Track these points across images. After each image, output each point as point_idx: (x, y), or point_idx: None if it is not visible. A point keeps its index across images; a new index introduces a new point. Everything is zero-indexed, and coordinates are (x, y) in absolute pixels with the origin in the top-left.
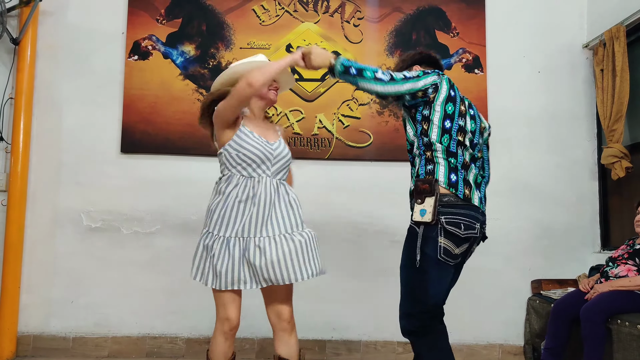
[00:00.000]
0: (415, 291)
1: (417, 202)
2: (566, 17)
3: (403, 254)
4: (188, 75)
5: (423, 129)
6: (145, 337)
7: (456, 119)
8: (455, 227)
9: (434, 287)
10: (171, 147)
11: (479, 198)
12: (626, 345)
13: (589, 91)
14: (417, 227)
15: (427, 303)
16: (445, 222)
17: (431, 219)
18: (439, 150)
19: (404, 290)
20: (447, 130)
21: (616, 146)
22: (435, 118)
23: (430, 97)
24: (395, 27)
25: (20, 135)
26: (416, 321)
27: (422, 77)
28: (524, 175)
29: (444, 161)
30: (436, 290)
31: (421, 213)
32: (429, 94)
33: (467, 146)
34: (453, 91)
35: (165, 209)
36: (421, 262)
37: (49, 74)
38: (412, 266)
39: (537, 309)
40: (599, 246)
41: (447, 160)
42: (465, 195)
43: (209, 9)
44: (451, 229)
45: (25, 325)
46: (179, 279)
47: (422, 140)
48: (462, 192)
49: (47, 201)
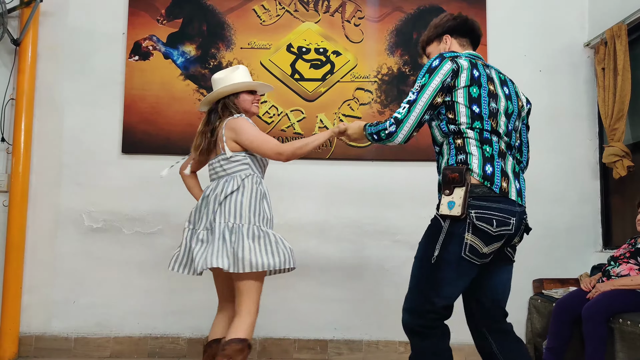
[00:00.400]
0: (427, 288)
1: (445, 194)
2: (567, 16)
3: (421, 244)
4: (189, 75)
5: (448, 118)
6: (147, 337)
7: (485, 102)
8: (487, 223)
9: (449, 288)
10: (172, 148)
11: (517, 190)
12: (628, 344)
13: (590, 90)
14: (442, 221)
15: (436, 304)
16: (476, 217)
17: (460, 212)
18: (472, 137)
19: (414, 283)
20: (478, 116)
21: (618, 145)
22: (460, 103)
23: (451, 84)
24: (396, 26)
25: (22, 136)
26: (421, 320)
27: (432, 76)
28: (526, 175)
29: (478, 150)
30: (451, 292)
31: (449, 205)
32: (449, 84)
33: (502, 132)
34: (477, 71)
35: (166, 209)
36: (439, 259)
37: (49, 74)
38: (427, 261)
39: (539, 309)
40: (600, 245)
41: (482, 149)
42: (503, 188)
43: (210, 9)
44: (481, 225)
45: (27, 326)
46: (181, 279)
47: (449, 128)
48: (498, 185)
49: (48, 202)
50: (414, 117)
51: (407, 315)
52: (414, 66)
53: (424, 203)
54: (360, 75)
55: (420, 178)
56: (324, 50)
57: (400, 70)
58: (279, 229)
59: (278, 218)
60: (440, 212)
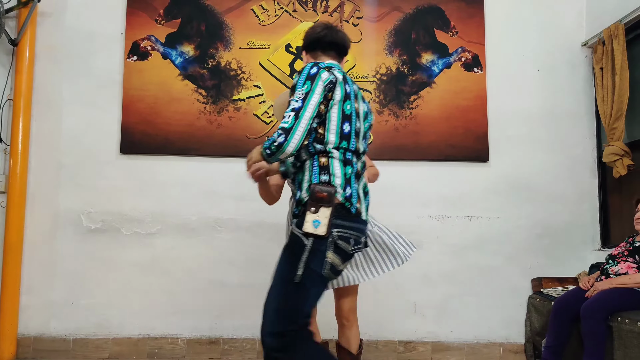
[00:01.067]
0: (291, 310)
1: (311, 211)
2: (565, 16)
3: (280, 262)
4: (187, 75)
5: (317, 133)
6: (145, 338)
7: (354, 120)
8: (345, 242)
9: (310, 304)
10: (171, 148)
11: (366, 209)
12: (627, 342)
13: (589, 89)
14: (306, 238)
15: (298, 322)
16: (337, 236)
17: (325, 232)
18: (337, 157)
19: (274, 306)
20: (346, 136)
21: (617, 144)
22: (333, 121)
23: (329, 96)
24: (394, 26)
25: (19, 137)
26: (287, 340)
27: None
28: (524, 174)
29: (341, 171)
30: (311, 308)
31: (314, 224)
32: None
33: (361, 152)
34: (348, 86)
35: (165, 210)
36: (303, 278)
37: (47, 75)
38: (290, 281)
39: (538, 307)
40: (599, 244)
41: (344, 170)
42: (358, 209)
43: (208, 9)
44: (341, 244)
45: (25, 327)
46: (180, 280)
47: (315, 148)
48: (355, 206)
49: (46, 202)
50: (304, 124)
51: (272, 339)
52: (413, 66)
53: (422, 202)
54: (359, 75)
55: (418, 177)
56: None
57: (399, 70)
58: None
59: (277, 218)
60: (305, 229)
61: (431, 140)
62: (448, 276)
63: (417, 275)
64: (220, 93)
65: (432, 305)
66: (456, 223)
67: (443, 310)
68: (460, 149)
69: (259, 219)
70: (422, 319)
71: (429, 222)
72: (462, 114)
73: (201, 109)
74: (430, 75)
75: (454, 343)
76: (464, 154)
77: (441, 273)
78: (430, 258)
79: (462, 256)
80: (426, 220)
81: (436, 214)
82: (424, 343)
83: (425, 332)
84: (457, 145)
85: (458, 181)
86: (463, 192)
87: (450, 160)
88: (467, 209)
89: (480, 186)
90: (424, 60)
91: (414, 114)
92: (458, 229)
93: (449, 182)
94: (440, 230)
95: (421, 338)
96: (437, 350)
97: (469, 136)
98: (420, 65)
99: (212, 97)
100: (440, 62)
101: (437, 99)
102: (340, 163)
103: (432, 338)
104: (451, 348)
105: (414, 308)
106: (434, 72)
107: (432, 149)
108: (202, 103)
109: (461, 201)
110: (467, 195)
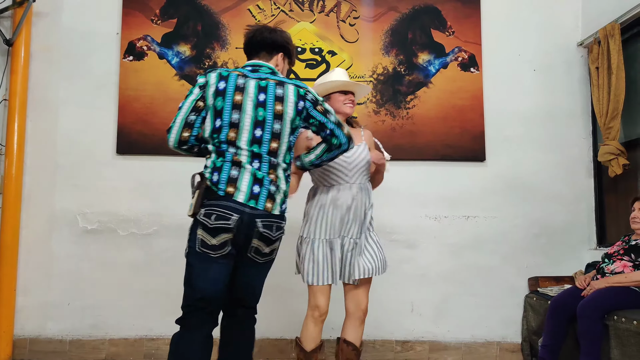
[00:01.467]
0: (185, 284)
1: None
2: (561, 16)
3: None
4: (184, 75)
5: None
6: (142, 339)
7: (227, 114)
8: (207, 217)
9: (200, 280)
10: (167, 148)
11: (250, 194)
12: (623, 341)
13: (584, 89)
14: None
15: (193, 297)
16: (202, 214)
17: (191, 212)
18: (211, 149)
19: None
20: (217, 130)
21: (613, 143)
22: (207, 118)
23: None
24: (391, 26)
25: (15, 137)
26: (183, 311)
27: (194, 87)
28: (521, 174)
29: (212, 161)
30: (204, 285)
31: (189, 207)
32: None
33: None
34: (225, 82)
35: (162, 210)
36: (187, 255)
37: (43, 75)
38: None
39: (534, 306)
40: (595, 243)
41: (215, 161)
42: (228, 192)
43: (204, 8)
44: (204, 220)
45: (22, 329)
46: (176, 280)
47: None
48: (223, 189)
49: (42, 203)
50: (178, 120)
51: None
52: (410, 66)
53: (419, 202)
54: (356, 75)
55: (415, 177)
56: (319, 50)
57: (396, 70)
58: None
59: None
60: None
61: (428, 140)
62: (445, 276)
63: (414, 275)
64: None
65: (429, 304)
66: (453, 223)
67: (440, 309)
68: (457, 149)
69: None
70: (419, 318)
71: (426, 222)
72: (458, 114)
73: None
74: (426, 75)
75: (451, 342)
76: (460, 153)
77: (438, 273)
78: (427, 258)
79: (459, 256)
80: (423, 220)
81: (433, 214)
82: (421, 342)
83: (422, 331)
84: (453, 145)
85: (455, 181)
86: (460, 191)
87: (447, 160)
88: (464, 208)
89: (477, 186)
90: (421, 60)
91: (411, 113)
92: (455, 229)
93: (445, 182)
94: (437, 230)
95: (418, 337)
96: (435, 350)
97: (465, 136)
98: (416, 65)
99: None
100: (436, 62)
101: (433, 99)
102: (213, 154)
103: (430, 337)
104: (448, 347)
105: (412, 307)
106: (431, 72)
107: (428, 148)
108: None
109: (458, 201)
110: (464, 195)
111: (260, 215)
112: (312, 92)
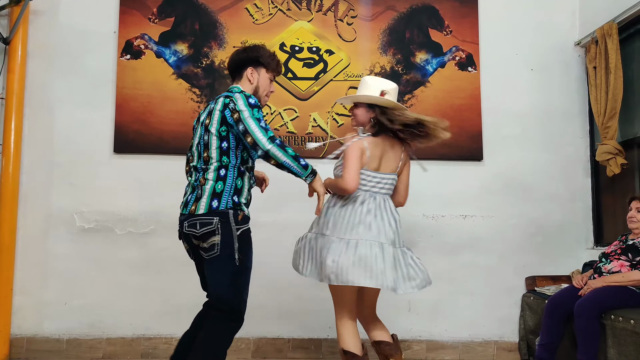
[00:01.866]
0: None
1: None
2: (558, 15)
3: None
4: (181, 74)
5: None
6: (140, 338)
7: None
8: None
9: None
10: (165, 147)
11: (183, 204)
12: (620, 340)
13: (582, 89)
14: None
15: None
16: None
17: None
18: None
19: None
20: (189, 151)
21: (611, 143)
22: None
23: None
24: (388, 25)
25: (12, 136)
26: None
27: None
28: (518, 173)
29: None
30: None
31: None
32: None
33: (195, 160)
34: (203, 111)
35: (159, 209)
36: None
37: (40, 74)
38: None
39: (532, 306)
40: (592, 242)
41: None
42: (181, 203)
43: (202, 7)
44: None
45: (18, 328)
46: (174, 279)
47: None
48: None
49: (39, 202)
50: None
51: None
52: (407, 65)
53: (416, 202)
54: (353, 74)
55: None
56: (316, 49)
57: (393, 69)
58: (273, 228)
59: (273, 218)
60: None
61: None
62: (442, 275)
63: None
64: (214, 92)
65: (426, 303)
66: (450, 222)
67: (437, 308)
68: (455, 148)
69: (252, 218)
70: (416, 317)
71: (423, 221)
72: (456, 113)
73: (195, 108)
74: (424, 74)
75: (449, 342)
76: (458, 153)
77: (435, 272)
78: (425, 257)
79: (456, 255)
80: (420, 219)
81: (430, 213)
82: (418, 341)
83: (419, 330)
84: (451, 144)
85: (452, 180)
86: (457, 191)
87: (445, 159)
88: (461, 208)
89: (474, 185)
90: (418, 59)
91: None
92: (452, 228)
93: (443, 181)
94: (435, 229)
95: (416, 337)
96: (432, 349)
97: (463, 135)
98: (414, 64)
99: (206, 96)
100: (434, 61)
101: (431, 98)
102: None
103: (427, 336)
104: (446, 346)
105: (409, 307)
106: (428, 71)
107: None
108: (196, 102)
109: (455, 200)
110: (461, 195)
111: (186, 217)
112: (236, 100)
